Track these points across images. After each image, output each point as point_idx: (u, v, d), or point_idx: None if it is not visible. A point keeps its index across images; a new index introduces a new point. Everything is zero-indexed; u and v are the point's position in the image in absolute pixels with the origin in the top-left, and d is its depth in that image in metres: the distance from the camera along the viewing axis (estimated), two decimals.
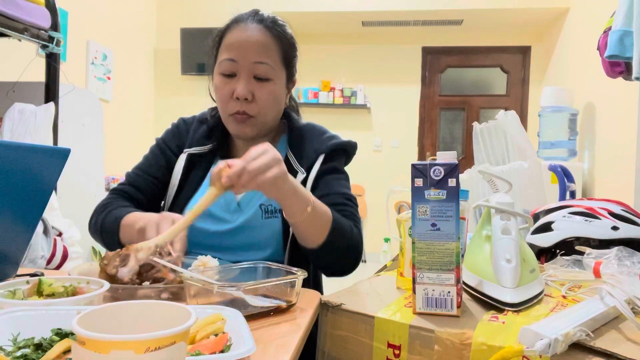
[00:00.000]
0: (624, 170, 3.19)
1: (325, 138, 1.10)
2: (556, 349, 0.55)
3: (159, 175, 1.11)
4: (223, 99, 1.02)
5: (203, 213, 1.03)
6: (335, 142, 1.09)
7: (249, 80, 1.00)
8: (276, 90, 1.03)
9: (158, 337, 0.37)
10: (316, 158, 1.07)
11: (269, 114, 1.04)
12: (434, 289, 0.70)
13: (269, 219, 1.01)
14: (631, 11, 1.86)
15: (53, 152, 0.78)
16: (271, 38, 1.02)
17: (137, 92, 4.94)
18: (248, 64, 0.99)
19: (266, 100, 1.02)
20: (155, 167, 1.11)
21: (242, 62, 0.99)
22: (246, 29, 1.01)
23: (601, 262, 0.83)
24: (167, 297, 0.75)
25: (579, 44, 4.17)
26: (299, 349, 0.62)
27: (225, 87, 1.01)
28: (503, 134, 2.06)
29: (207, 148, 1.10)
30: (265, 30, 1.01)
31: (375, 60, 5.49)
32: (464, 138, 5.47)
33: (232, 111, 1.02)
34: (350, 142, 1.12)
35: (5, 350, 0.51)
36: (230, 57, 1.00)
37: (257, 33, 1.01)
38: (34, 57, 2.72)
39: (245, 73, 1.00)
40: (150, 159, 1.13)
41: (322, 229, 0.90)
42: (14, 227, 0.76)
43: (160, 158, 1.12)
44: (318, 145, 1.08)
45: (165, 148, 1.13)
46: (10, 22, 2.06)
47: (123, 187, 1.10)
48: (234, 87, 1.00)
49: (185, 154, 1.10)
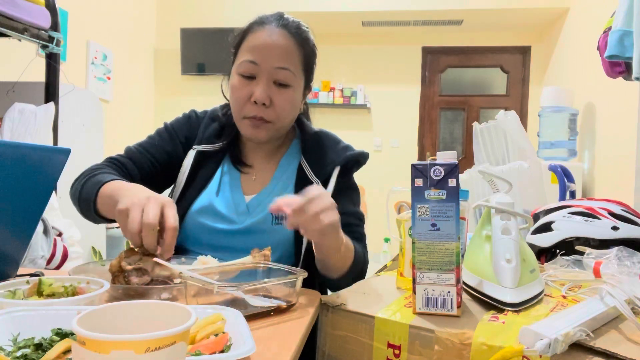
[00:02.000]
0: (624, 170, 3.19)
1: (340, 149, 1.09)
2: (556, 349, 0.55)
3: (160, 158, 1.08)
4: (239, 101, 1.01)
5: (211, 211, 1.03)
6: (351, 154, 1.08)
7: (268, 85, 0.99)
8: (294, 97, 1.03)
9: (158, 337, 0.37)
10: (332, 170, 1.06)
11: (285, 120, 1.04)
12: (434, 289, 0.70)
13: (279, 225, 1.01)
14: (631, 11, 1.86)
15: (53, 152, 0.78)
16: (294, 44, 1.01)
17: (137, 92, 4.94)
18: (269, 68, 0.98)
19: (284, 107, 1.01)
20: (159, 148, 1.08)
21: (264, 65, 0.98)
22: (271, 33, 0.99)
23: (601, 262, 0.83)
24: (167, 297, 0.75)
25: (579, 44, 4.17)
26: (299, 349, 0.62)
27: (243, 88, 1.00)
28: (503, 134, 2.06)
29: (217, 146, 1.09)
30: (289, 35, 1.00)
31: (375, 60, 5.49)
32: (464, 138, 5.47)
33: (248, 114, 1.01)
34: (363, 153, 1.11)
35: (5, 350, 0.51)
36: (252, 59, 0.98)
37: (282, 38, 0.99)
38: (34, 57, 2.72)
39: (265, 77, 0.99)
40: (155, 139, 1.10)
41: (346, 263, 0.92)
42: (14, 227, 0.76)
43: (167, 142, 1.09)
44: (334, 157, 1.07)
45: (175, 134, 1.10)
46: (10, 22, 2.06)
47: (120, 158, 1.06)
48: (253, 90, 0.99)
49: (195, 150, 1.08)
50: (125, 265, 0.75)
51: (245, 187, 1.08)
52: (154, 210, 0.74)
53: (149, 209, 0.74)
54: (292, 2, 4.80)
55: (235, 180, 1.08)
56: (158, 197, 0.77)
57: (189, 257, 0.92)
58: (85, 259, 2.84)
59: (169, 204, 0.77)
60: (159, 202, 0.76)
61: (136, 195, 0.77)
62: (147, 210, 0.73)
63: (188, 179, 1.06)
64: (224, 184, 1.07)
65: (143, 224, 0.73)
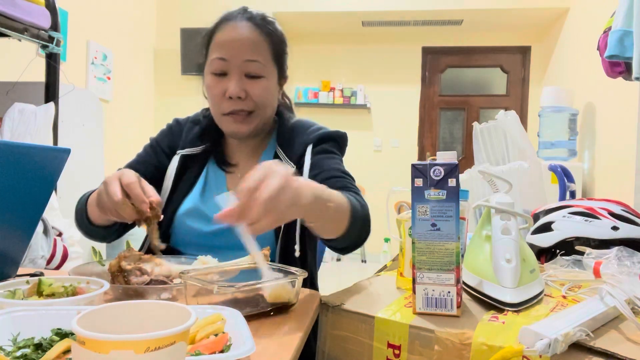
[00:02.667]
0: (624, 170, 3.19)
1: (312, 130, 1.10)
2: (556, 349, 0.55)
3: (148, 174, 1.09)
4: (215, 99, 1.02)
5: (197, 213, 1.03)
6: (322, 132, 1.09)
7: (240, 79, 1.00)
8: (268, 86, 1.03)
9: (158, 337, 0.37)
10: (304, 150, 1.06)
11: (265, 109, 1.04)
12: (434, 289, 0.70)
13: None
14: (631, 11, 1.86)
15: (53, 152, 0.78)
16: (261, 35, 1.01)
17: (137, 92, 4.94)
18: (239, 62, 0.99)
19: (260, 95, 1.02)
20: (146, 165, 1.11)
21: (233, 60, 0.99)
22: (236, 27, 1.01)
23: (601, 262, 0.83)
24: (167, 297, 0.75)
25: (579, 44, 4.17)
26: (299, 349, 0.62)
27: (217, 86, 1.01)
28: (503, 134, 2.06)
29: (200, 149, 1.11)
30: (255, 27, 1.01)
31: (375, 60, 5.49)
32: (464, 138, 5.47)
33: (225, 110, 1.02)
34: (337, 132, 1.11)
35: (5, 350, 0.51)
36: (221, 56, 1.00)
37: (247, 31, 1.00)
38: (34, 57, 2.72)
39: (236, 72, 1.00)
40: (142, 157, 1.14)
41: (343, 217, 0.82)
42: (14, 227, 0.76)
43: (152, 157, 1.13)
44: (305, 137, 1.08)
45: (157, 148, 1.14)
46: (10, 22, 2.06)
47: None
48: (226, 86, 1.00)
49: (179, 155, 1.10)
50: (125, 265, 0.75)
51: (231, 186, 1.09)
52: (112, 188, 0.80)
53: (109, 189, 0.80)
54: (292, 2, 4.81)
55: (221, 181, 1.09)
56: (112, 177, 0.82)
57: (189, 257, 0.92)
58: (85, 259, 2.84)
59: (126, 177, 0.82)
60: (115, 178, 0.81)
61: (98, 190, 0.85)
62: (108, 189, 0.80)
63: (174, 183, 1.08)
64: (209, 185, 1.09)
65: (111, 204, 0.79)
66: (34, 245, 1.85)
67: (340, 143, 1.12)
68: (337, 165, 1.04)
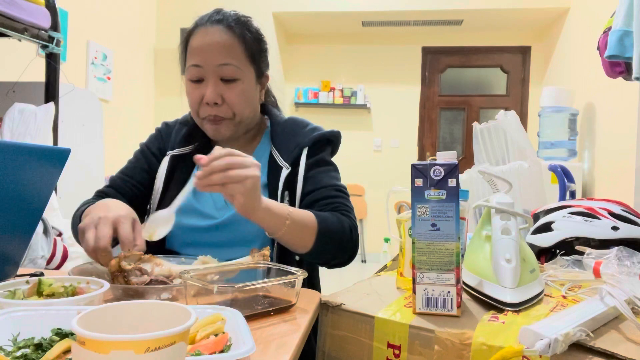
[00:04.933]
0: (624, 170, 3.19)
1: (307, 131, 1.10)
2: (556, 349, 0.55)
3: (140, 179, 1.12)
4: (194, 105, 1.04)
5: (191, 210, 1.04)
6: (318, 133, 1.09)
7: (216, 84, 1.00)
8: (246, 89, 1.03)
9: (158, 337, 0.37)
10: (300, 152, 1.07)
11: (243, 113, 1.05)
12: (434, 289, 0.70)
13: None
14: (631, 11, 1.86)
15: (53, 152, 0.78)
16: (232, 37, 1.01)
17: (137, 92, 4.94)
18: (213, 68, 1.00)
19: (236, 100, 1.02)
20: (138, 170, 1.13)
21: (207, 66, 1.00)
22: (206, 32, 1.01)
23: (601, 262, 0.83)
24: (167, 297, 0.75)
25: (579, 44, 4.17)
26: (299, 349, 0.62)
27: (194, 92, 1.02)
28: (503, 134, 2.06)
29: (189, 149, 1.12)
30: (226, 30, 1.01)
31: (375, 60, 5.49)
32: (464, 138, 5.47)
33: (203, 115, 1.03)
34: (332, 132, 1.12)
35: (5, 350, 0.51)
36: (195, 63, 1.01)
37: (218, 35, 1.01)
38: (34, 57, 2.72)
39: (211, 77, 1.00)
40: (133, 162, 1.15)
41: (308, 236, 0.91)
42: (14, 227, 0.76)
43: (143, 162, 1.14)
44: (300, 139, 1.08)
45: (147, 152, 1.15)
46: (10, 22, 2.05)
47: (105, 190, 1.11)
48: (203, 92, 1.01)
49: (168, 156, 1.11)
50: (125, 265, 0.75)
51: None
52: (103, 231, 0.78)
53: (99, 229, 0.79)
54: (292, 2, 4.81)
55: None
56: (109, 217, 0.80)
57: (188, 257, 0.92)
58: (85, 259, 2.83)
59: (123, 219, 0.81)
60: (109, 221, 0.80)
61: (92, 216, 0.82)
62: (98, 230, 0.78)
63: (165, 184, 1.09)
64: None
65: (94, 247, 0.78)
66: (34, 245, 1.85)
67: (334, 144, 1.14)
68: (332, 181, 1.06)
